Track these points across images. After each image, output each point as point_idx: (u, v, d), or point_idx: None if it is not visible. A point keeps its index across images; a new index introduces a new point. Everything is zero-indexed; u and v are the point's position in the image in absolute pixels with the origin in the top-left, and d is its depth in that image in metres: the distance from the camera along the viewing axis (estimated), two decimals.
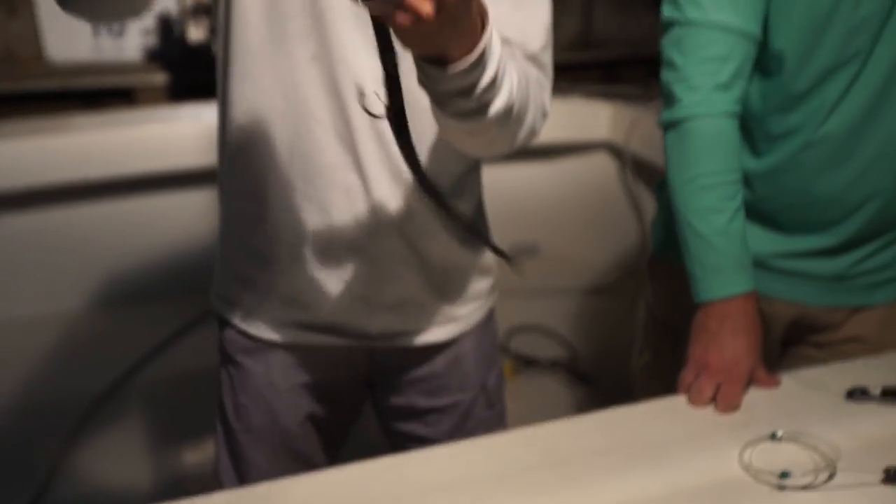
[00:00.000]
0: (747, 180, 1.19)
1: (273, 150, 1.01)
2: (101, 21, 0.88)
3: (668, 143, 1.09)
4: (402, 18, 0.63)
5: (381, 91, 0.74)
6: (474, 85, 0.74)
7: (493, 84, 0.77)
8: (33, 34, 2.89)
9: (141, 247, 2.15)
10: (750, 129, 1.17)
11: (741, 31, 1.04)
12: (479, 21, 0.72)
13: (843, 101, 1.07)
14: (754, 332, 1.06)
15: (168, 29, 3.09)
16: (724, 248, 1.06)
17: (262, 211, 1.07)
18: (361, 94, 0.86)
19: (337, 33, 0.93)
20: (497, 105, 0.80)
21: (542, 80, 0.98)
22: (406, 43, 0.69)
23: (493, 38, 0.75)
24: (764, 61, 1.11)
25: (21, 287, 2.03)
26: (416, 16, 0.63)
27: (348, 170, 1.01)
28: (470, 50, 0.71)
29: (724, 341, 1.04)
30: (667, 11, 1.08)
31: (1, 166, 1.98)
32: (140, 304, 2.13)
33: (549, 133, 1.04)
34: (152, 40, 3.13)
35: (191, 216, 2.17)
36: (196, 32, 2.33)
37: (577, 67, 3.42)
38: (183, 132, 2.17)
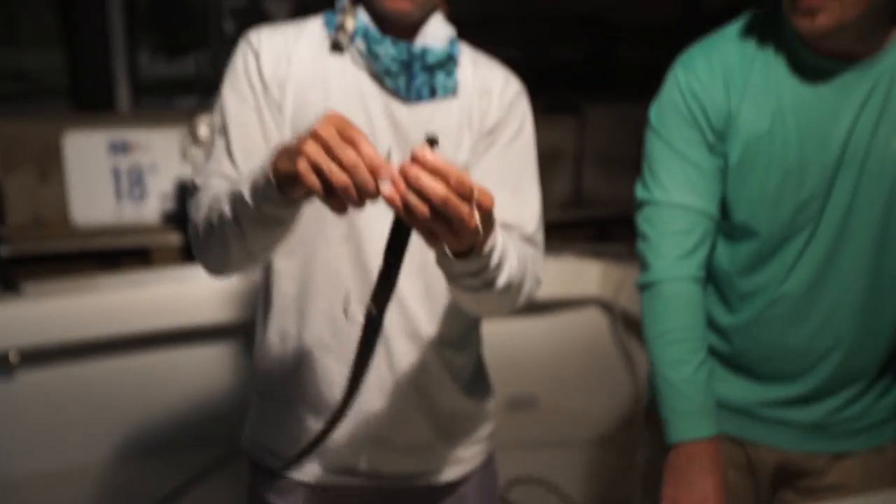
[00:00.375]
0: (726, 334, 1.31)
1: (308, 312, 1.16)
2: (223, 274, 1.09)
3: (643, 303, 1.24)
4: (447, 230, 0.78)
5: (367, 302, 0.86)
6: (482, 269, 0.90)
7: (498, 267, 0.93)
8: (61, 199, 3.10)
9: (155, 400, 2.23)
10: (723, 288, 1.30)
11: (699, 210, 1.22)
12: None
13: (798, 264, 1.21)
14: (719, 472, 1.16)
15: (185, 193, 3.30)
16: (691, 395, 1.18)
17: (294, 364, 1.19)
18: (345, 308, 0.99)
19: (365, 216, 1.08)
20: (500, 282, 0.95)
21: (536, 256, 1.15)
22: (433, 244, 0.83)
23: (497, 231, 0.90)
24: (729, 230, 1.26)
25: (43, 441, 2.10)
26: (462, 227, 0.77)
27: None
28: (479, 243, 0.86)
29: (693, 479, 1.15)
30: (639, 193, 1.27)
31: (23, 325, 2.09)
32: (156, 455, 2.18)
33: (542, 289, 1.17)
34: (169, 204, 3.33)
35: (202, 370, 2.26)
36: None
37: (569, 226, 3.62)
38: (195, 291, 2.30)
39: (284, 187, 0.85)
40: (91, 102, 5.00)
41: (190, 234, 1.08)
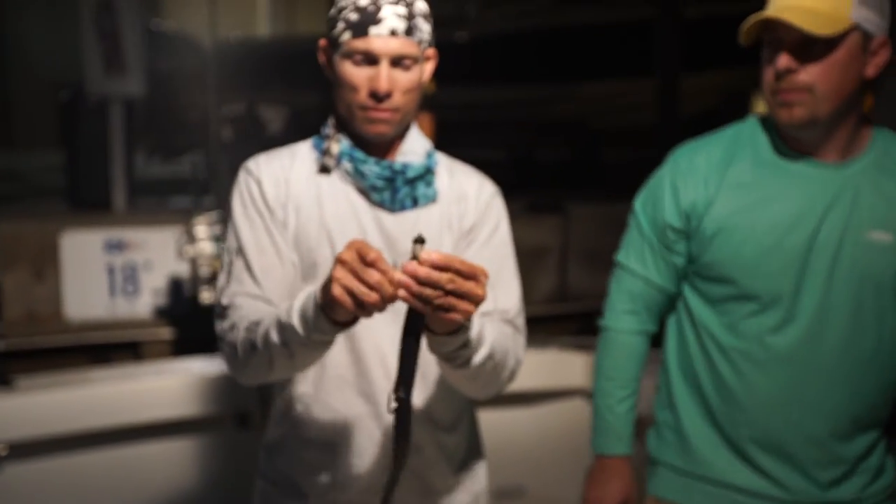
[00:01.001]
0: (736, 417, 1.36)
1: (310, 403, 1.23)
2: (259, 383, 1.19)
3: (598, 342, 1.46)
4: (468, 307, 0.92)
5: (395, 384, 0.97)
6: (467, 343, 1.03)
7: (479, 338, 1.06)
8: (56, 296, 3.16)
9: (145, 491, 2.23)
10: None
11: (653, 284, 1.40)
12: None
13: (780, 341, 1.33)
14: (626, 480, 1.40)
15: (178, 289, 3.37)
16: (612, 422, 1.43)
17: (305, 459, 1.24)
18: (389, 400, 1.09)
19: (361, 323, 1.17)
20: (483, 352, 1.07)
21: (517, 336, 1.24)
22: (439, 327, 0.97)
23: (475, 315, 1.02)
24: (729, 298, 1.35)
25: None
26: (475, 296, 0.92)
27: (370, 419, 1.22)
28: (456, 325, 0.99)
29: (603, 483, 1.42)
30: (616, 256, 1.46)
31: (14, 419, 2.12)
32: None
33: (528, 381, 1.27)
34: (162, 300, 3.40)
35: (187, 463, 2.27)
36: (208, 296, 2.60)
37: (555, 319, 3.69)
38: (182, 384, 2.34)
39: (328, 311, 0.97)
40: (88, 202, 5.13)
41: (225, 353, 1.17)
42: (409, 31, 1.19)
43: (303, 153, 1.26)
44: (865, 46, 1.23)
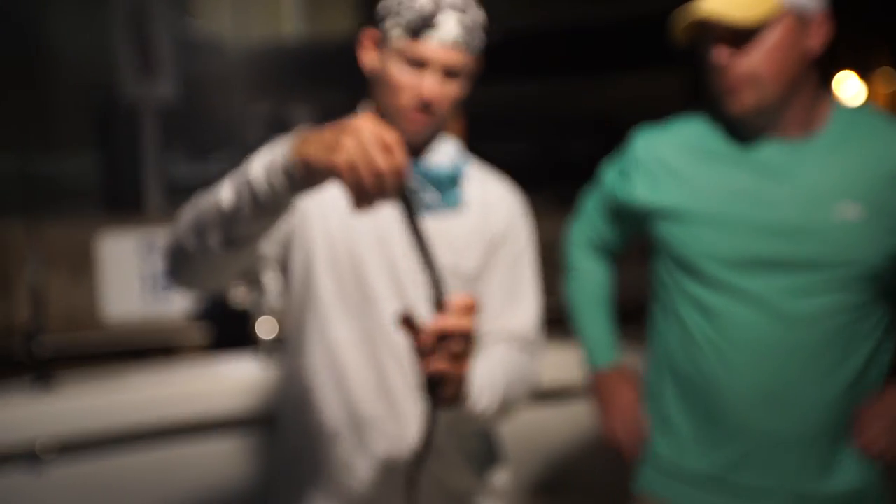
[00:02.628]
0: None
1: (325, 407, 1.24)
2: (203, 290, 1.16)
3: (566, 283, 1.64)
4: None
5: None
6: (472, 407, 1.10)
7: (492, 400, 1.14)
8: (93, 298, 3.22)
9: (180, 492, 2.27)
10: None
11: (605, 240, 1.59)
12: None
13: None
14: (631, 385, 1.50)
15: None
16: (593, 334, 1.57)
17: (313, 452, 1.26)
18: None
19: (380, 323, 1.17)
20: (490, 409, 1.15)
21: (531, 362, 1.28)
22: (451, 392, 0.99)
23: (475, 382, 1.09)
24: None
25: None
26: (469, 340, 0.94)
27: (388, 419, 1.23)
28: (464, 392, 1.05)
29: (610, 398, 1.50)
30: (582, 203, 1.61)
31: (55, 419, 2.17)
32: None
33: (557, 376, 1.29)
34: (195, 303, 3.45)
35: (223, 464, 2.31)
36: (237, 296, 2.63)
37: None
38: (220, 384, 2.38)
39: (306, 172, 0.90)
40: (123, 204, 5.21)
41: (166, 253, 1.10)
42: (466, 42, 1.15)
43: None
44: (804, 23, 1.22)
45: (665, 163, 1.36)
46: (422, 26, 1.12)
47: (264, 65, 8.35)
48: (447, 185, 1.25)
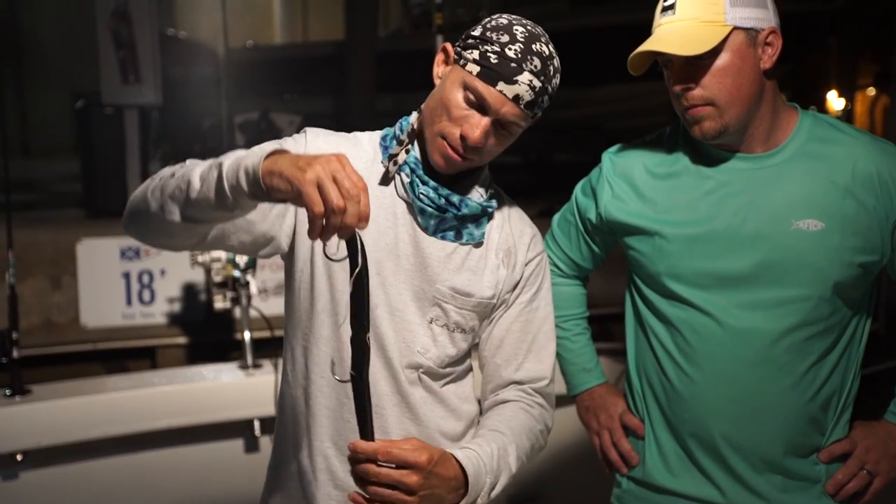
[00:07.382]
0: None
1: (315, 411, 1.20)
2: (152, 245, 1.15)
3: None
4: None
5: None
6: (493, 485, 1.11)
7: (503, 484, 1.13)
8: (73, 303, 3.17)
9: (160, 498, 2.23)
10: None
11: (574, 260, 1.51)
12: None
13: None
14: (618, 397, 1.46)
15: (192, 296, 3.38)
16: (572, 358, 1.51)
17: (288, 464, 1.23)
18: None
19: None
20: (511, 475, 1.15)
21: (545, 414, 1.25)
22: None
23: (477, 468, 1.08)
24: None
25: None
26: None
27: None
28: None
29: (597, 408, 1.47)
30: (553, 222, 1.53)
31: (31, 426, 2.13)
32: None
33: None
34: (176, 307, 3.41)
35: (202, 470, 2.28)
36: (221, 302, 2.59)
37: None
38: (198, 391, 2.34)
39: (267, 187, 0.90)
40: (104, 210, 5.17)
41: (129, 203, 1.12)
42: (532, 105, 1.13)
43: (364, 144, 1.22)
44: (753, 42, 1.21)
45: (631, 181, 1.36)
46: (499, 73, 1.10)
47: (250, 70, 8.33)
48: (472, 220, 1.21)
